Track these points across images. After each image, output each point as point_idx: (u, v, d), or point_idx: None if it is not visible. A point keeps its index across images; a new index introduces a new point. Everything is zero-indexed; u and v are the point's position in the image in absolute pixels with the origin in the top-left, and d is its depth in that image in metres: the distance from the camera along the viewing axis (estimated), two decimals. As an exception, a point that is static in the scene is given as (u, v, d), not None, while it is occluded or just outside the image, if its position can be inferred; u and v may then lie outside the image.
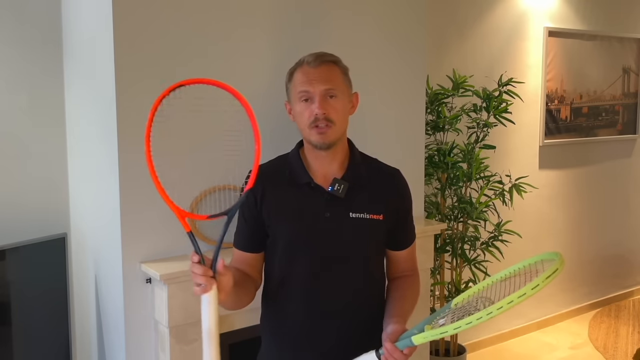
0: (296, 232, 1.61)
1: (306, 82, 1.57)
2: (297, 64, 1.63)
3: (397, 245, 1.71)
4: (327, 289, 1.61)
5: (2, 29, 2.34)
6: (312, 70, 1.59)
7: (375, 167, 1.71)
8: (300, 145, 1.70)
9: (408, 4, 2.77)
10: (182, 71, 2.16)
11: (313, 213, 1.60)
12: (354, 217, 1.60)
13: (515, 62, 4.03)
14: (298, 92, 1.58)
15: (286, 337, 1.64)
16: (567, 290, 4.60)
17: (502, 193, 3.41)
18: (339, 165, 1.64)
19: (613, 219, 4.91)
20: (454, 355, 3.46)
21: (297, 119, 1.61)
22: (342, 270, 1.61)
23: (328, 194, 1.60)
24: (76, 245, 2.47)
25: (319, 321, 1.61)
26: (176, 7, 2.14)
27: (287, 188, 1.63)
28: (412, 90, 2.84)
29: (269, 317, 1.70)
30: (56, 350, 2.22)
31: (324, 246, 1.60)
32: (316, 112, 1.55)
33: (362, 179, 1.64)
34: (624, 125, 4.88)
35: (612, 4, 4.62)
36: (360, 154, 1.72)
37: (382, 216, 1.62)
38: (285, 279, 1.64)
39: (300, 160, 1.65)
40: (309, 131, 1.58)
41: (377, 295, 1.70)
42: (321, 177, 1.63)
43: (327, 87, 1.57)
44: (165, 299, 2.05)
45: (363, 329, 1.64)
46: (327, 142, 1.59)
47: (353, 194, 1.61)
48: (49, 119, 2.46)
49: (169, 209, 2.20)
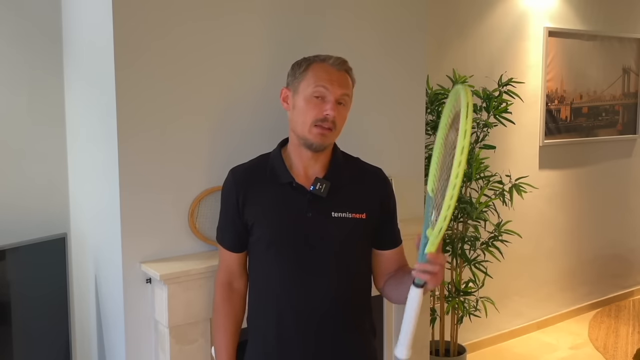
0: (278, 232, 1.61)
1: (328, 80, 1.57)
2: (316, 58, 1.62)
3: (383, 244, 1.70)
4: (310, 288, 1.60)
5: (2, 28, 2.34)
6: (335, 72, 1.58)
7: (357, 166, 1.71)
8: (282, 144, 1.70)
9: (408, 4, 2.77)
10: (183, 70, 2.16)
11: (295, 213, 1.60)
12: (336, 216, 1.60)
13: (515, 62, 4.03)
14: (315, 86, 1.57)
15: (270, 336, 1.64)
16: (567, 290, 4.60)
17: (502, 193, 3.41)
18: (321, 165, 1.64)
19: (613, 219, 4.91)
20: (454, 355, 3.46)
21: (299, 112, 1.59)
22: (325, 269, 1.61)
23: (310, 193, 1.59)
24: (76, 245, 2.47)
25: (303, 320, 1.61)
26: (176, 7, 2.14)
27: (269, 188, 1.63)
28: (412, 90, 2.83)
29: (253, 316, 1.71)
30: (56, 350, 2.22)
31: (306, 246, 1.60)
32: (327, 113, 1.55)
33: (344, 178, 1.64)
34: (624, 125, 4.88)
35: (612, 4, 4.62)
36: (343, 153, 1.72)
37: (364, 215, 1.62)
38: (268, 278, 1.64)
39: (282, 160, 1.65)
40: (309, 127, 1.57)
41: (362, 295, 1.70)
42: (303, 177, 1.63)
43: (344, 92, 1.59)
44: (165, 299, 2.05)
45: (348, 327, 1.64)
46: (325, 144, 1.59)
47: (335, 193, 1.60)
48: (49, 119, 2.46)
49: (168, 209, 2.21)
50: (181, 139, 2.18)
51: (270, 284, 1.63)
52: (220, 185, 2.25)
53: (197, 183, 2.23)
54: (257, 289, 1.68)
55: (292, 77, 1.64)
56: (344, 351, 1.64)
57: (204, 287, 2.11)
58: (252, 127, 2.33)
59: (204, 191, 2.24)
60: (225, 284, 1.75)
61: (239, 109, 2.31)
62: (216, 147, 2.26)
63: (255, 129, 2.33)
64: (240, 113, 2.31)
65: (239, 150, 2.30)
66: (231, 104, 2.28)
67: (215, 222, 2.25)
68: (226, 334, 1.73)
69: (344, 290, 1.62)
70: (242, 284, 1.76)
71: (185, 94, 2.18)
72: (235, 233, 1.68)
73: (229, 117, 2.28)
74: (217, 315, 1.75)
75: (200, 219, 2.24)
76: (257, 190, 1.64)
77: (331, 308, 1.61)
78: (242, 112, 2.31)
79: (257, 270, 1.68)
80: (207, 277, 2.11)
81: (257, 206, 1.63)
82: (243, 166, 1.72)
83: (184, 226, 2.21)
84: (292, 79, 1.64)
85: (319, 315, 1.60)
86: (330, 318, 1.61)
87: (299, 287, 1.60)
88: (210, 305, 2.13)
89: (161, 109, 2.13)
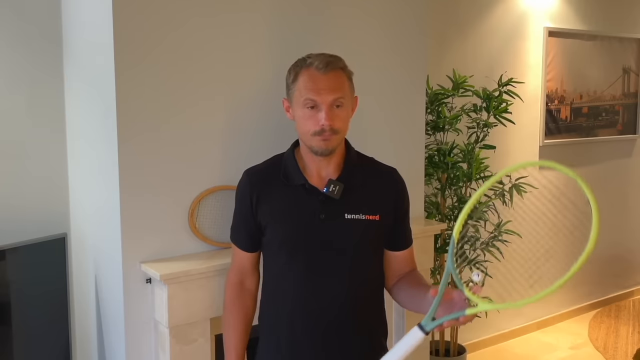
0: (291, 234, 1.60)
1: (314, 90, 1.52)
2: (303, 63, 1.57)
3: (395, 245, 1.69)
4: (322, 289, 1.60)
5: (2, 28, 2.34)
6: (321, 77, 1.53)
7: (371, 167, 1.70)
8: (295, 145, 1.69)
9: (408, 4, 2.77)
10: (182, 70, 2.16)
11: (308, 215, 1.59)
12: (349, 218, 1.59)
13: (515, 62, 4.03)
14: (304, 98, 1.53)
15: (282, 337, 1.64)
16: (567, 290, 4.60)
17: (502, 193, 3.41)
18: (335, 166, 1.63)
19: (613, 219, 4.91)
20: (454, 355, 3.46)
21: (299, 123, 1.58)
22: (338, 271, 1.60)
23: (323, 195, 1.58)
24: (76, 245, 2.47)
25: (314, 321, 1.61)
26: (177, 6, 2.14)
27: (282, 189, 1.63)
28: (412, 90, 2.83)
29: (264, 316, 1.70)
30: (56, 350, 2.22)
31: (319, 248, 1.59)
32: (323, 124, 1.52)
33: (358, 179, 1.63)
34: (624, 125, 4.88)
35: (612, 4, 4.62)
36: (357, 153, 1.70)
37: (378, 217, 1.61)
38: (281, 279, 1.64)
39: (295, 161, 1.64)
40: (310, 138, 1.55)
41: (374, 296, 1.70)
42: (316, 178, 1.62)
43: (336, 96, 1.53)
44: (165, 299, 2.05)
45: (359, 329, 1.64)
46: (329, 149, 1.57)
47: (349, 194, 1.59)
48: (49, 119, 2.46)
49: (168, 209, 2.21)
50: (181, 139, 2.18)
51: (282, 284, 1.63)
52: (220, 185, 2.27)
53: (197, 183, 2.23)
54: (269, 289, 1.68)
55: (286, 87, 1.62)
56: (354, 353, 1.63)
57: (204, 287, 2.11)
58: (253, 127, 2.33)
59: (204, 191, 2.24)
60: (237, 284, 1.74)
61: (240, 109, 2.31)
62: (216, 147, 2.26)
63: (256, 129, 2.33)
64: (242, 113, 2.31)
65: (240, 150, 2.30)
66: (232, 103, 2.28)
67: (215, 222, 2.26)
68: (236, 332, 1.72)
69: (356, 292, 1.62)
70: (254, 283, 1.76)
71: (185, 94, 2.18)
72: (248, 233, 1.68)
73: (229, 117, 2.28)
74: (228, 314, 1.74)
75: (201, 219, 2.24)
76: (271, 191, 1.63)
77: (343, 309, 1.61)
78: (243, 112, 2.31)
79: (269, 270, 1.68)
80: (207, 277, 2.11)
81: (271, 207, 1.62)
82: (257, 167, 1.71)
83: (184, 226, 2.21)
84: (287, 90, 1.62)
85: (331, 316, 1.60)
86: (342, 319, 1.61)
87: (311, 288, 1.60)
88: (210, 305, 2.13)
89: (161, 109, 2.13)
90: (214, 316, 2.16)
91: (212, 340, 2.21)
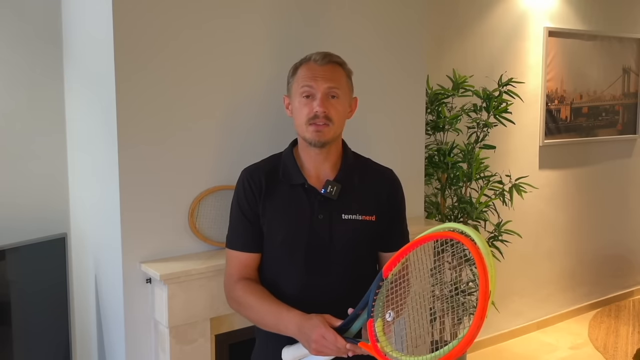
0: (289, 234, 1.61)
1: (310, 77, 1.57)
2: (303, 59, 1.63)
3: (389, 246, 1.69)
4: (318, 290, 1.60)
5: (2, 30, 2.34)
6: (318, 68, 1.58)
7: (368, 168, 1.71)
8: (294, 144, 1.70)
9: (408, 4, 2.77)
10: (182, 70, 2.16)
11: (306, 215, 1.60)
12: (346, 218, 1.60)
13: (515, 62, 4.03)
14: (301, 86, 1.58)
15: (279, 337, 1.64)
16: (567, 290, 4.60)
17: (502, 193, 3.41)
18: (331, 166, 1.64)
19: (613, 219, 4.91)
20: (453, 355, 3.45)
21: (295, 114, 1.61)
22: (334, 272, 1.61)
23: (321, 195, 1.60)
24: (76, 245, 2.47)
25: None
26: (177, 9, 2.14)
27: (281, 188, 1.63)
28: (412, 90, 2.84)
29: None
30: (56, 350, 2.22)
31: (317, 248, 1.60)
32: (316, 110, 1.55)
33: (355, 180, 1.64)
34: (624, 125, 4.88)
35: (612, 4, 4.62)
36: (354, 154, 1.72)
37: (374, 217, 1.63)
38: (278, 279, 1.64)
39: (294, 160, 1.65)
40: (305, 127, 1.58)
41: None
42: (314, 178, 1.63)
43: (331, 85, 1.57)
44: (165, 299, 2.05)
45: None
46: (322, 140, 1.58)
47: (345, 195, 1.61)
48: (49, 119, 2.46)
49: (168, 209, 2.21)
50: (181, 139, 2.18)
51: (280, 283, 1.63)
52: (220, 185, 2.27)
53: (197, 183, 2.23)
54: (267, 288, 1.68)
55: (287, 83, 1.67)
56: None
57: (204, 287, 2.11)
58: (253, 127, 2.33)
59: (204, 191, 2.24)
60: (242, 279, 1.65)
61: (240, 110, 2.31)
62: (217, 147, 2.26)
63: (256, 130, 2.33)
64: (242, 113, 2.31)
65: (240, 150, 2.30)
66: (232, 104, 2.28)
67: (215, 222, 2.26)
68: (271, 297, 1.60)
69: (352, 292, 1.62)
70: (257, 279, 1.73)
71: (185, 94, 2.18)
72: (250, 230, 1.67)
73: (230, 117, 2.28)
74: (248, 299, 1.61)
75: (201, 218, 2.24)
76: (270, 190, 1.64)
77: (339, 309, 1.61)
78: (244, 113, 2.31)
79: (267, 269, 1.68)
80: (207, 277, 2.11)
81: (269, 206, 1.63)
82: (256, 166, 1.71)
83: (184, 226, 2.21)
84: (287, 85, 1.67)
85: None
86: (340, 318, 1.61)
87: (308, 287, 1.61)
88: (210, 305, 2.13)
89: (161, 110, 2.13)
90: (214, 316, 2.16)
91: (212, 340, 2.21)
